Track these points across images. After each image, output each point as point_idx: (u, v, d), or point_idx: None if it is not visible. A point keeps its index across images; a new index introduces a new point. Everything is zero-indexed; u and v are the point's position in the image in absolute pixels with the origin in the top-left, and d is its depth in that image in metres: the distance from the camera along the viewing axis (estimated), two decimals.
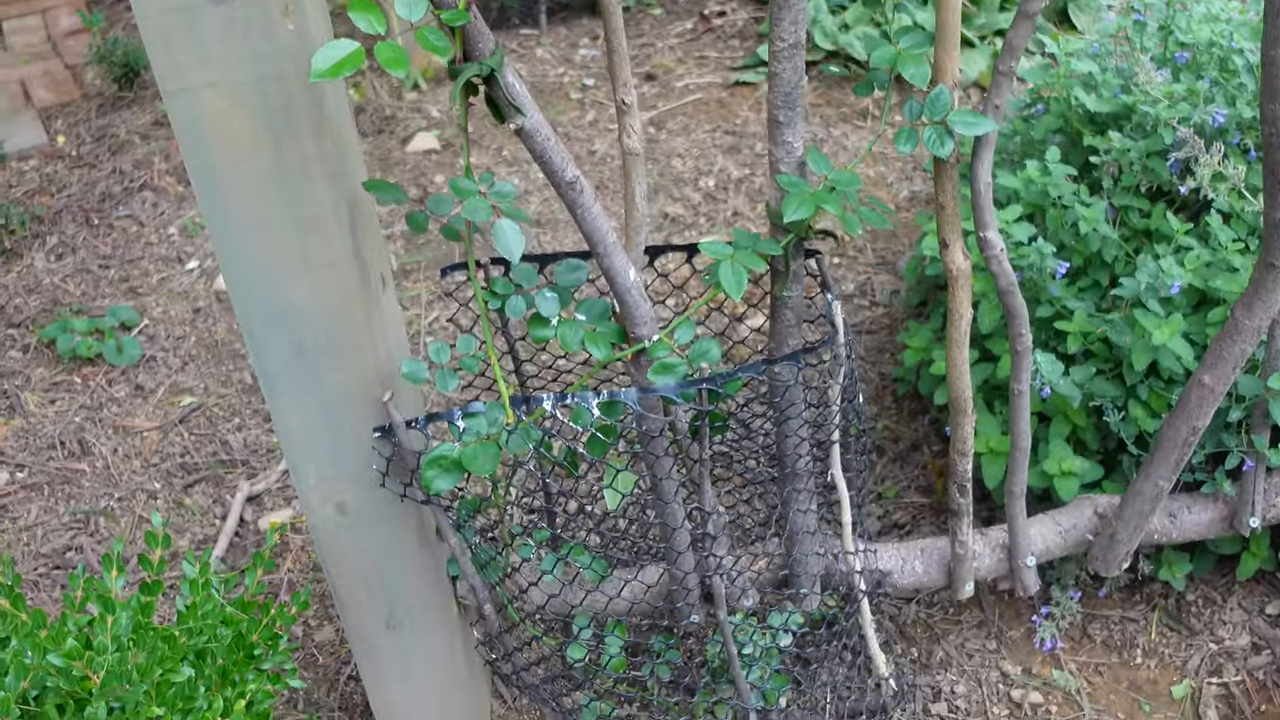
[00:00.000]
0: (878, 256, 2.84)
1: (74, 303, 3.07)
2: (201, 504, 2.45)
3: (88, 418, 2.71)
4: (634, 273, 1.40)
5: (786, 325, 1.50)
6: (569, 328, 1.44)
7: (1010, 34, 1.28)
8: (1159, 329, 1.66)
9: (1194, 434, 1.55)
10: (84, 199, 3.52)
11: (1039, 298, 1.88)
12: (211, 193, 1.33)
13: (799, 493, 1.62)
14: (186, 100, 1.26)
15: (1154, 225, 1.85)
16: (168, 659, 1.33)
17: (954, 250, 1.43)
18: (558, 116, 3.58)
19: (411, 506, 1.61)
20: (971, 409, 1.55)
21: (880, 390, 2.46)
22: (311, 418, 1.50)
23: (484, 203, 1.28)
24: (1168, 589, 1.97)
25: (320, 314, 1.42)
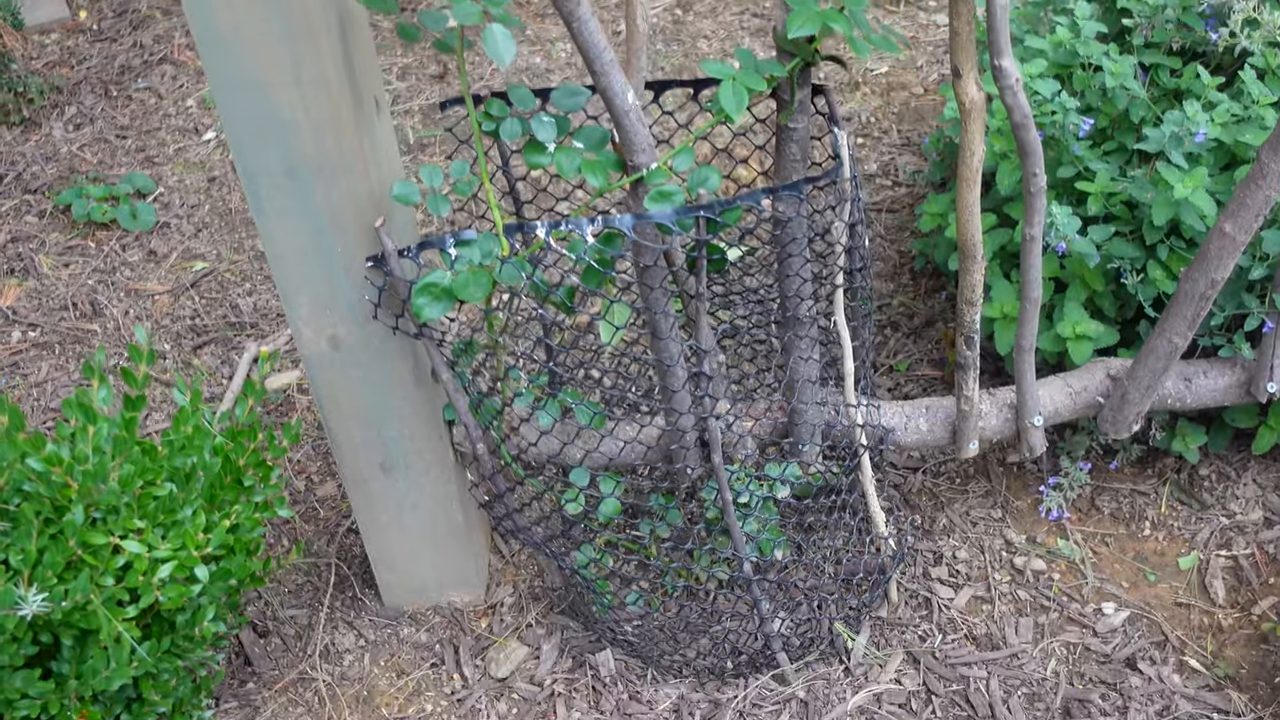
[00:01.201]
0: (903, 137, 2.77)
1: (90, 170, 3.06)
2: (210, 364, 2.44)
3: (100, 280, 2.70)
4: (632, 95, 1.35)
5: (791, 159, 1.45)
6: (566, 155, 1.40)
7: None
8: (1182, 182, 1.60)
9: (1212, 287, 1.50)
10: (103, 71, 3.48)
11: (1061, 158, 1.82)
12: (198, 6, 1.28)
13: (800, 339, 1.58)
14: None
15: (1185, 85, 1.78)
16: (149, 471, 1.32)
17: (967, 80, 1.37)
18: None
19: (406, 344, 1.58)
20: (981, 255, 1.50)
21: (898, 268, 2.40)
22: (303, 243, 1.48)
23: (474, 7, 1.24)
24: (1180, 463, 1.93)
25: (311, 132, 1.39)
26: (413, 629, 1.87)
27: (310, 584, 1.96)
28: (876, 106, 2.89)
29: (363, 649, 1.86)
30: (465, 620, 1.87)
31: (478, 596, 1.89)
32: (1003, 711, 1.65)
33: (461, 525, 1.80)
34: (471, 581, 1.88)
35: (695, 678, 1.75)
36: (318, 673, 1.83)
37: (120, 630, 1.26)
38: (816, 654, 1.75)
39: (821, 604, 1.75)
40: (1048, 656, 1.71)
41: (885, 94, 2.93)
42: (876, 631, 1.78)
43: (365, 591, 1.93)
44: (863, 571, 1.76)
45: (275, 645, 1.88)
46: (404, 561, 1.83)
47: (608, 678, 1.76)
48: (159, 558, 1.30)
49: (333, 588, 1.94)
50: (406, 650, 1.85)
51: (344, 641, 1.87)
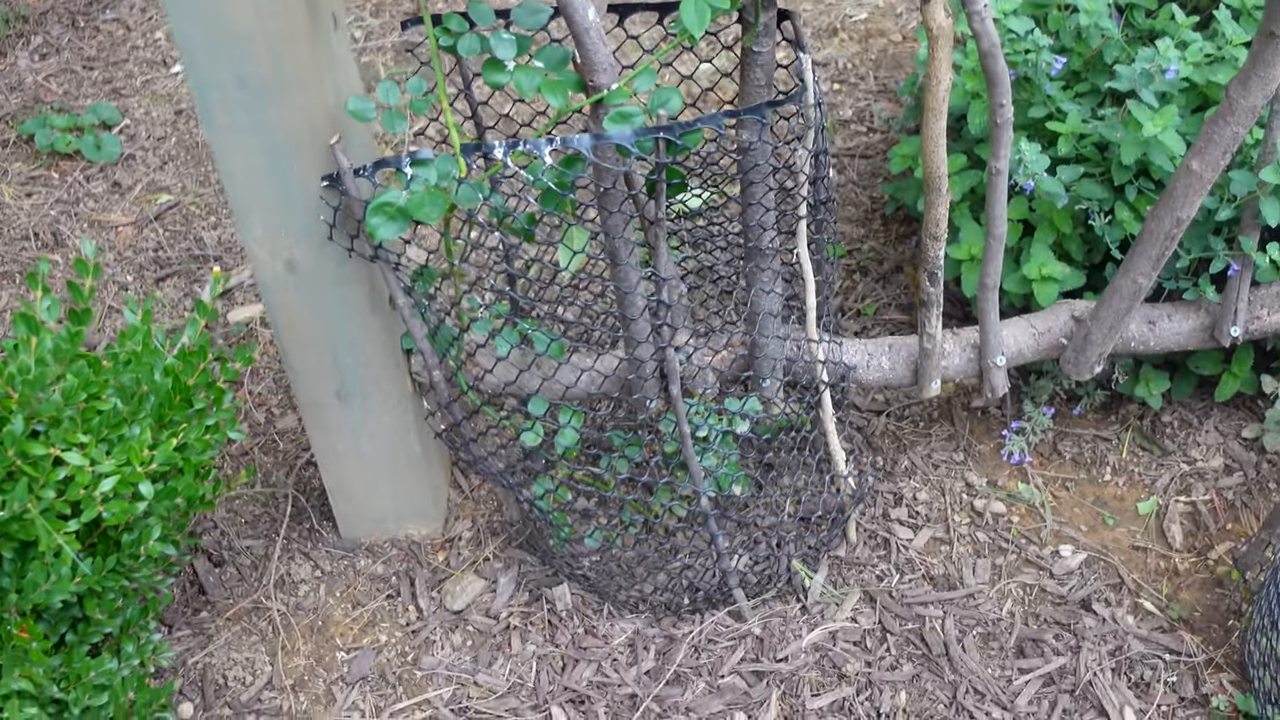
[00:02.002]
0: (879, 84, 2.74)
1: (55, 101, 3.00)
2: (172, 297, 2.41)
3: (63, 211, 2.66)
4: (593, 13, 1.32)
5: (756, 84, 1.42)
6: (525, 74, 1.37)
7: None
8: (1152, 120, 1.58)
9: (1178, 226, 1.48)
10: (71, 1, 3.42)
11: (1033, 98, 1.79)
12: None
13: (762, 272, 1.56)
14: None
15: (1160, 26, 1.76)
16: (94, 384, 1.29)
17: (935, 5, 1.34)
18: None
19: (363, 269, 1.56)
20: (946, 189, 1.48)
21: (869, 214, 2.38)
22: (256, 160, 1.45)
23: None
24: (1144, 409, 1.92)
25: (265, 43, 1.35)
26: (369, 560, 1.86)
27: (268, 515, 1.94)
28: (854, 53, 2.85)
29: (318, 580, 1.84)
30: (422, 553, 1.86)
31: (435, 529, 1.88)
32: (957, 650, 1.65)
33: (419, 456, 1.78)
34: (429, 514, 1.86)
35: (651, 613, 1.74)
36: (272, 602, 1.81)
37: (61, 543, 1.24)
38: (774, 592, 1.74)
39: (780, 542, 1.74)
40: (1004, 597, 1.71)
41: (863, 40, 2.90)
42: (834, 571, 1.77)
43: (323, 524, 1.91)
44: (822, 510, 1.75)
45: (230, 575, 1.86)
46: (361, 491, 1.82)
47: (564, 612, 1.76)
48: (102, 472, 1.27)
49: (289, 519, 1.93)
50: (362, 582, 1.84)
51: (300, 572, 1.85)
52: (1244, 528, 1.76)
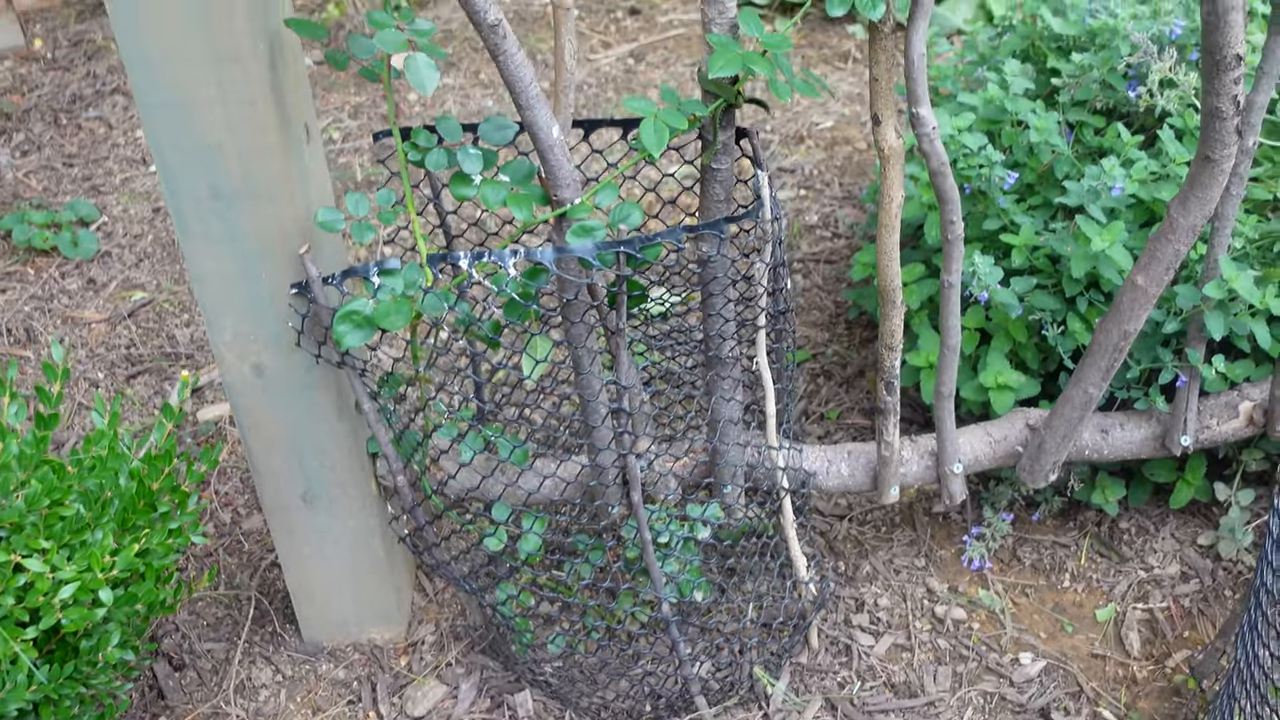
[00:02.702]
0: (844, 190, 2.81)
1: (35, 197, 3.04)
2: (142, 394, 2.42)
3: (37, 307, 2.68)
4: (558, 130, 1.37)
5: (715, 199, 1.47)
6: (491, 187, 1.41)
7: None
8: (1100, 235, 1.63)
9: (1125, 339, 1.53)
10: (55, 99, 3.48)
11: (988, 210, 1.85)
12: (125, 14, 1.29)
13: (723, 380, 1.59)
14: None
15: (1108, 143, 1.82)
16: (58, 490, 1.30)
17: (886, 127, 1.40)
18: (537, 45, 3.54)
19: (330, 374, 1.58)
20: (901, 300, 1.52)
21: (834, 318, 2.43)
22: (227, 266, 1.47)
23: (400, 36, 1.25)
24: (1101, 516, 1.95)
25: (238, 156, 1.39)
26: (331, 665, 1.85)
27: (230, 617, 1.94)
28: (820, 160, 2.93)
29: (279, 684, 1.83)
30: (385, 657, 1.85)
31: (399, 633, 1.87)
32: None
33: (383, 560, 1.78)
34: (393, 617, 1.86)
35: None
36: (232, 707, 1.80)
37: (18, 651, 1.24)
38: (736, 699, 1.74)
39: (742, 648, 1.75)
40: (964, 705, 1.72)
41: (829, 148, 2.98)
42: (796, 677, 1.77)
43: (285, 627, 1.90)
44: (784, 616, 1.76)
45: (190, 679, 1.85)
46: (324, 595, 1.82)
47: (525, 719, 1.75)
48: (62, 579, 1.28)
49: (252, 622, 1.92)
50: (324, 687, 1.82)
51: (261, 676, 1.84)
52: (1200, 635, 1.78)
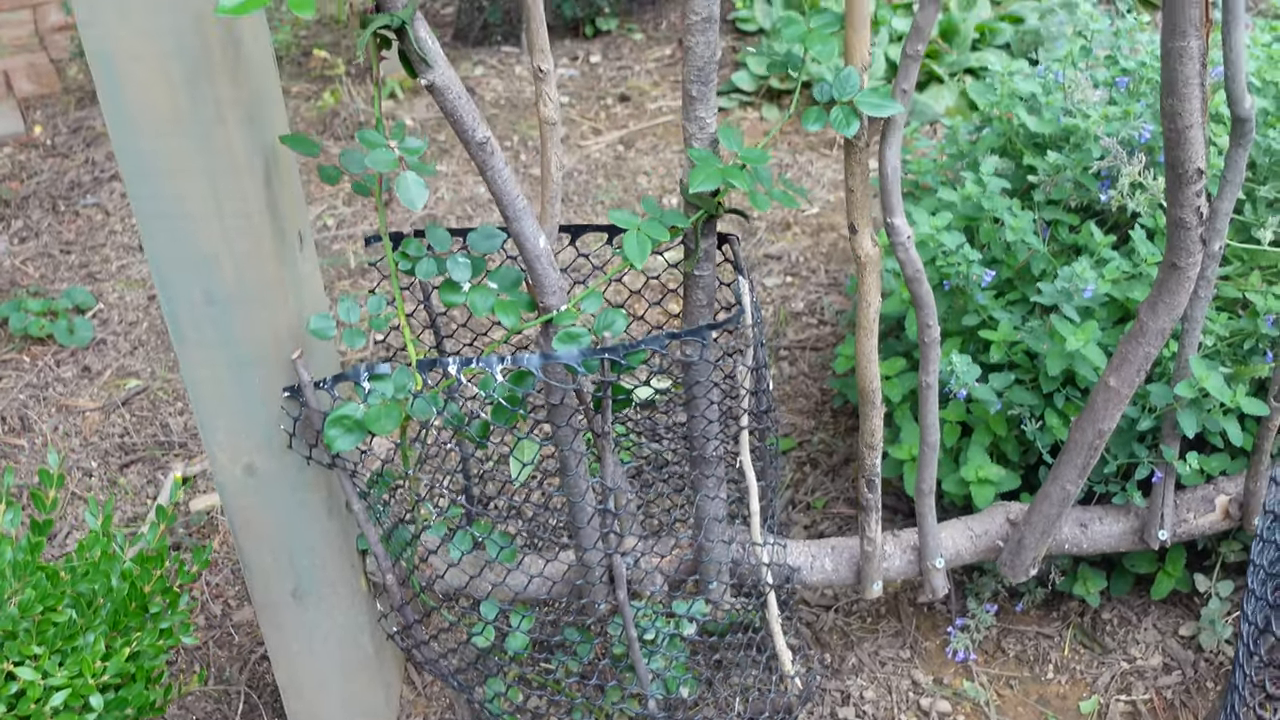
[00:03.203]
0: (829, 277, 2.86)
1: (31, 285, 3.08)
2: (135, 484, 2.44)
3: (32, 395, 2.71)
4: (544, 240, 1.41)
5: (698, 305, 1.51)
6: (479, 294, 1.45)
7: (918, 16, 1.30)
8: (1074, 335, 1.67)
9: (1100, 437, 1.56)
10: (53, 186, 3.53)
11: (966, 306, 1.89)
12: (123, 129, 1.34)
13: (707, 479, 1.62)
14: (100, 33, 1.27)
15: (1082, 241, 1.87)
16: (51, 597, 1.32)
17: (862, 236, 1.44)
18: (529, 131, 3.61)
19: (321, 474, 1.61)
20: (879, 401, 1.56)
21: (820, 405, 2.46)
22: (220, 371, 1.51)
23: (391, 154, 1.30)
24: (1084, 606, 1.97)
25: (232, 264, 1.43)
26: None
27: (220, 712, 1.94)
28: (806, 247, 2.98)
29: None
30: None
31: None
32: None
33: (372, 656, 1.79)
34: (381, 713, 1.87)
35: None
36: None
37: None
38: None
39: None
40: None
41: (815, 234, 3.03)
42: None
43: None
44: (769, 710, 1.77)
45: None
46: (313, 690, 1.82)
47: None
48: (53, 685, 1.29)
49: (241, 716, 1.92)
50: None
51: None
52: None
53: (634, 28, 4.21)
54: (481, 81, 3.92)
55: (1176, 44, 1.26)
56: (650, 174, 3.38)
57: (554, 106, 1.43)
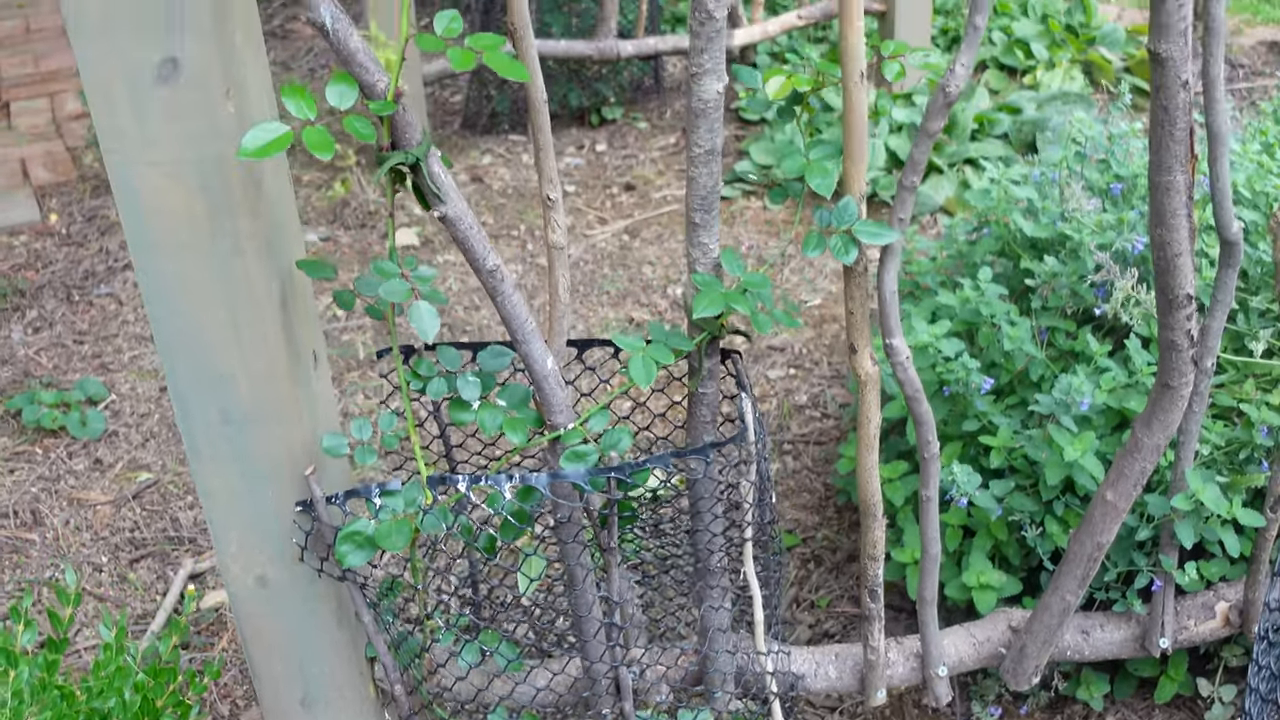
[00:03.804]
0: (832, 369, 2.89)
1: (45, 375, 3.12)
2: (145, 579, 2.46)
3: (44, 489, 2.74)
4: (551, 361, 1.45)
5: (701, 421, 1.54)
6: (488, 412, 1.48)
7: (913, 150, 1.35)
8: (1071, 445, 1.70)
9: (1099, 549, 1.58)
10: (67, 275, 3.59)
11: (966, 411, 1.93)
12: (146, 258, 1.38)
13: (712, 589, 1.64)
14: (125, 167, 1.32)
15: (1079, 347, 1.91)
16: (66, 716, 1.34)
17: (862, 356, 1.48)
18: (535, 220, 3.67)
19: (331, 584, 1.63)
20: (881, 513, 1.59)
21: (824, 500, 2.48)
22: (235, 486, 1.54)
23: (404, 284, 1.34)
24: (1088, 710, 1.98)
25: (248, 384, 1.47)
26: None
27: None
28: (809, 338, 3.02)
29: None
30: None
31: None
32: None
33: None
34: None
35: None
36: None
37: None
38: None
39: None
40: None
41: (817, 325, 3.07)
42: None
43: None
44: None
45: None
46: None
47: None
48: None
49: None
50: None
51: None
52: None
53: (639, 116, 4.30)
54: (489, 170, 3.99)
55: (1163, 178, 1.31)
56: (655, 263, 3.43)
57: (561, 232, 1.47)
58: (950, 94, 1.29)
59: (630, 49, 3.95)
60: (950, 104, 1.30)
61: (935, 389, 1.92)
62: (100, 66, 1.26)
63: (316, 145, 1.22)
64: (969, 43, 1.27)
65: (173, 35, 1.25)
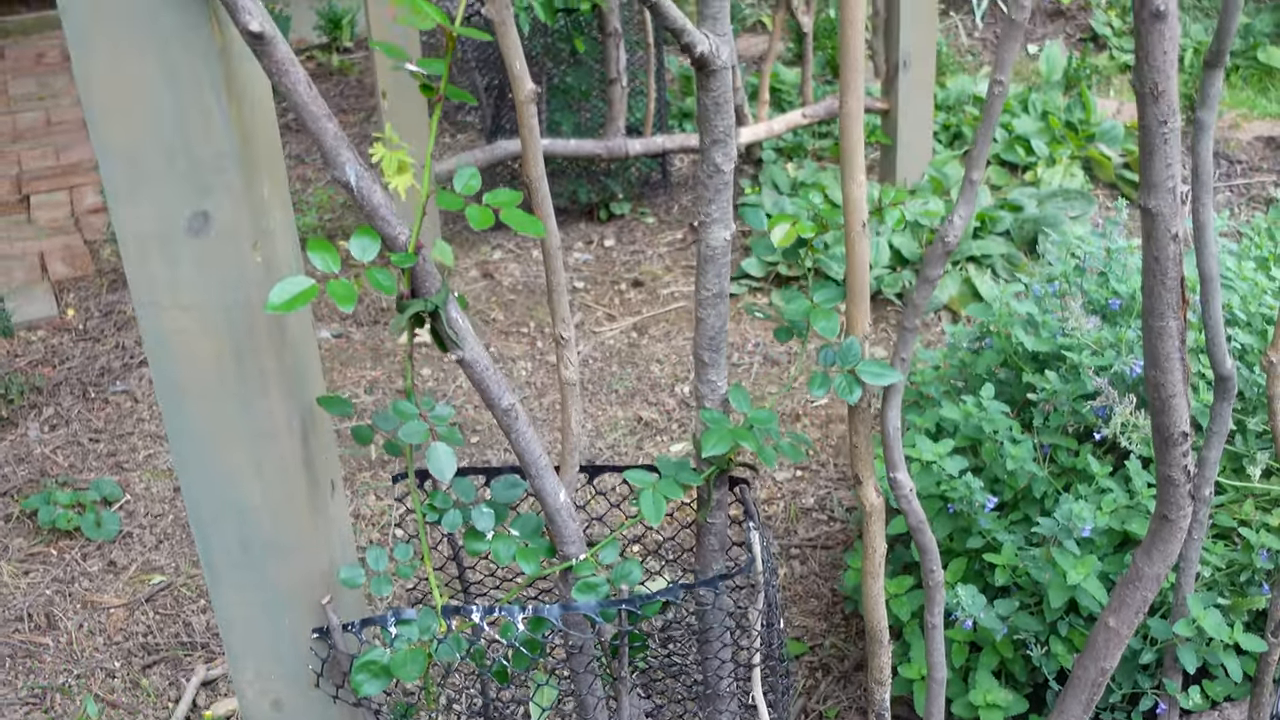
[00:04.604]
0: (839, 471, 2.92)
1: (60, 474, 3.16)
2: (158, 686, 2.48)
3: (58, 591, 2.76)
4: (564, 494, 1.49)
5: (710, 550, 1.57)
6: (502, 542, 1.52)
7: (915, 295, 1.40)
8: (1074, 568, 1.73)
9: (1103, 675, 1.61)
10: (84, 372, 3.65)
11: (970, 528, 1.96)
12: (172, 398, 1.43)
13: (721, 714, 1.66)
14: (156, 314, 1.37)
15: (1081, 465, 1.94)
16: None
17: (867, 487, 1.52)
18: (544, 318, 3.73)
19: (346, 710, 1.66)
20: (887, 639, 1.61)
21: (831, 607, 2.50)
22: (253, 612, 1.57)
23: (422, 426, 1.38)
24: None
25: (269, 515, 1.51)
26: None
27: None
28: (816, 439, 3.06)
29: None
30: None
31: None
32: None
33: None
34: None
35: None
36: None
37: None
38: None
39: None
40: None
41: (824, 426, 3.11)
42: None
43: None
44: None
45: None
46: None
47: None
48: None
49: None
50: None
51: None
52: None
53: (646, 211, 4.38)
54: (499, 266, 4.06)
55: (1157, 323, 1.35)
56: (663, 361, 3.48)
57: (574, 369, 1.52)
58: (949, 243, 1.34)
59: (639, 148, 4.03)
60: (949, 252, 1.35)
61: (940, 505, 1.96)
62: (135, 219, 1.32)
63: (341, 297, 1.28)
64: (966, 197, 1.32)
65: (205, 192, 1.30)
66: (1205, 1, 5.60)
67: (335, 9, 6.11)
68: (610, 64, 4.04)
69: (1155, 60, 1.22)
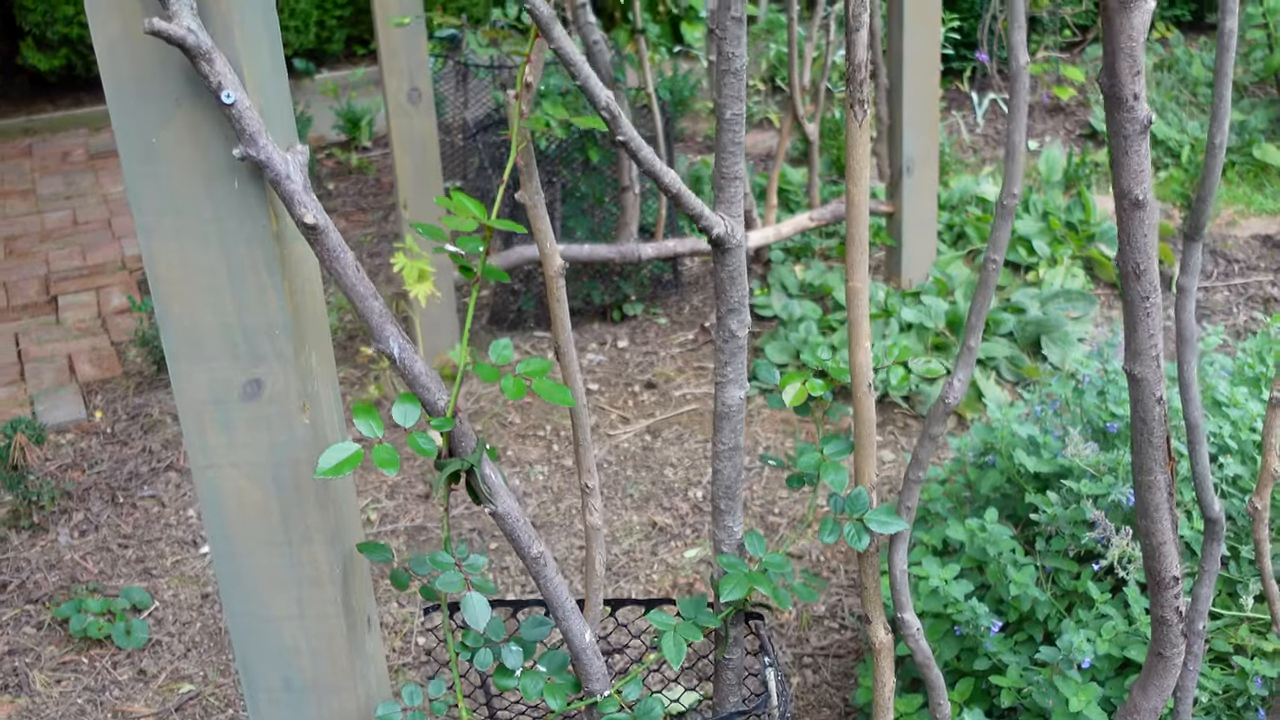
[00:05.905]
0: (849, 579, 3.00)
1: (91, 580, 3.25)
2: None
3: (90, 700, 2.84)
4: (589, 634, 1.57)
5: (727, 685, 1.66)
6: (530, 679, 1.60)
7: (916, 449, 1.50)
8: (1075, 696, 1.81)
9: None
10: (113, 476, 3.75)
11: (977, 650, 2.03)
12: (223, 548, 1.53)
13: None
14: (211, 475, 1.48)
15: (1082, 588, 2.02)
16: None
17: (876, 625, 1.60)
18: (560, 421, 3.83)
19: None
20: None
21: (844, 716, 2.57)
22: None
23: (459, 577, 1.48)
24: None
25: (310, 655, 1.60)
26: None
27: None
28: (827, 545, 3.14)
29: None
30: None
31: None
32: None
33: None
34: None
35: None
36: None
37: None
38: None
39: None
40: None
41: None
42: None
43: None
44: None
45: None
46: None
47: None
48: None
49: None
50: None
51: None
52: None
53: (658, 311, 4.49)
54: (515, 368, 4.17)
55: (1145, 478, 1.44)
56: (677, 465, 3.57)
57: (598, 515, 1.61)
58: (950, 404, 1.44)
59: (651, 252, 4.16)
60: (950, 412, 1.45)
61: (947, 629, 2.03)
62: (193, 388, 1.43)
63: (384, 463, 1.38)
64: (964, 362, 1.42)
65: (258, 360, 1.41)
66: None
67: (354, 109, 6.30)
68: (623, 172, 4.19)
69: (1137, 242, 1.32)
